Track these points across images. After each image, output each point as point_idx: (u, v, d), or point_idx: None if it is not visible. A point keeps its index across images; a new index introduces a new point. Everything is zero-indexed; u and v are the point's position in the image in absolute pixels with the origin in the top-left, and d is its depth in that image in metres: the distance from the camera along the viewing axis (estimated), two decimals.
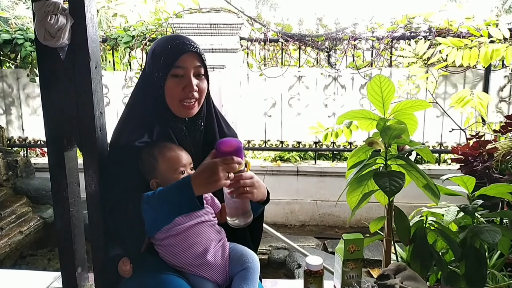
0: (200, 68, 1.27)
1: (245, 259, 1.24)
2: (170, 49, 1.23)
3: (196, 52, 1.25)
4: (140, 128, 1.25)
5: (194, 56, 1.25)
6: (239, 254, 1.25)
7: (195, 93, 1.25)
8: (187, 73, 1.24)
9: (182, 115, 1.28)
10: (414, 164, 1.47)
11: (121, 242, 1.22)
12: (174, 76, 1.24)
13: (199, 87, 1.26)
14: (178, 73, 1.24)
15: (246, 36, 3.76)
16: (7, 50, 4.08)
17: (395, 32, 3.58)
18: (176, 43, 1.24)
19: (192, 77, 1.24)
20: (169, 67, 1.23)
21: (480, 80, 3.69)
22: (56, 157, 1.25)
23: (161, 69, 1.24)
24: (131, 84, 3.98)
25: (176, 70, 1.23)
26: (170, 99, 1.26)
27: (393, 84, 1.51)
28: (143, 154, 1.22)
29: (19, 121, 4.30)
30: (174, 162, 1.22)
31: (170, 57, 1.22)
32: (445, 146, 3.82)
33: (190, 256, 1.19)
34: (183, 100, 1.25)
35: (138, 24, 3.98)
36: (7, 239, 3.23)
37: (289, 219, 3.97)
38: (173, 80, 1.24)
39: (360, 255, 1.29)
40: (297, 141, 4.01)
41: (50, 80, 1.22)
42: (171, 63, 1.22)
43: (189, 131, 1.32)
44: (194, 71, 1.25)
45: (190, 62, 1.24)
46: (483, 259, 1.49)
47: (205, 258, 1.20)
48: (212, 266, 1.20)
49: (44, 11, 1.15)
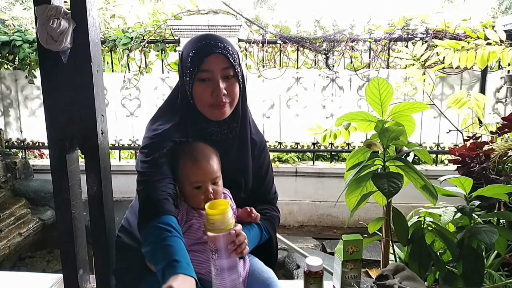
0: (229, 70, 1.20)
1: (266, 275, 1.24)
2: (196, 52, 1.18)
3: (223, 53, 1.18)
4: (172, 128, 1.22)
5: (221, 58, 1.19)
6: (259, 270, 1.25)
7: (224, 97, 1.19)
8: (214, 76, 1.19)
9: (214, 118, 1.24)
10: (412, 166, 1.49)
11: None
12: (201, 80, 1.19)
13: (228, 90, 1.20)
14: (205, 77, 1.19)
15: (245, 38, 3.78)
16: (5, 52, 4.08)
17: (392, 33, 3.60)
18: (202, 45, 1.19)
19: (220, 81, 1.19)
20: (195, 71, 1.18)
21: (477, 81, 3.72)
22: (58, 160, 1.26)
23: (188, 73, 1.19)
24: (129, 86, 3.99)
25: (202, 74, 1.18)
26: (200, 104, 1.22)
27: (391, 86, 1.53)
28: (173, 152, 1.20)
29: (18, 123, 4.30)
30: (191, 177, 1.19)
31: (196, 60, 1.18)
32: (442, 147, 3.84)
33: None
34: (213, 104, 1.20)
35: (136, 25, 3.99)
36: (6, 241, 3.23)
37: (288, 219, 3.99)
38: (200, 84, 1.19)
39: (360, 256, 1.31)
40: (295, 142, 4.02)
41: (52, 83, 1.23)
42: (197, 67, 1.17)
43: (222, 134, 1.28)
44: (221, 73, 1.19)
45: (217, 65, 1.18)
46: (480, 259, 1.51)
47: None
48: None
49: (46, 15, 1.17)
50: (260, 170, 1.40)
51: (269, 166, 1.45)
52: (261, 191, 1.42)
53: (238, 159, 1.31)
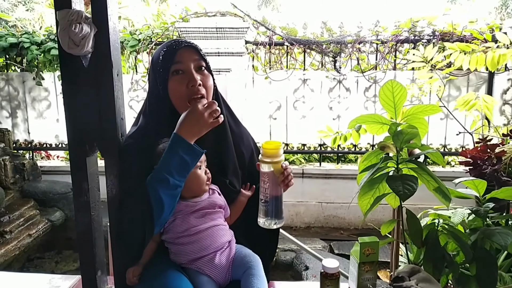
0: (200, 61, 1.26)
1: (248, 259, 1.26)
2: (167, 49, 1.25)
3: (192, 46, 1.26)
4: (152, 135, 1.25)
5: (191, 51, 1.25)
6: (242, 255, 1.27)
7: (200, 88, 1.23)
8: (187, 67, 1.23)
9: None
10: (426, 168, 1.50)
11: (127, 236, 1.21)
12: (175, 73, 1.23)
13: (203, 82, 1.24)
14: (179, 69, 1.23)
15: (252, 40, 3.80)
16: (13, 54, 4.12)
17: (399, 35, 3.61)
18: (171, 43, 1.26)
19: (194, 72, 1.23)
20: (169, 65, 1.22)
21: (484, 82, 3.72)
22: (78, 162, 1.27)
23: (161, 70, 1.23)
24: (137, 87, 4.01)
25: (176, 66, 1.23)
26: (177, 101, 1.24)
27: (405, 89, 1.53)
28: (158, 151, 1.21)
29: (25, 124, 4.33)
30: None
31: (168, 55, 1.23)
32: (449, 148, 3.85)
33: (200, 255, 1.22)
34: (190, 97, 1.23)
35: (144, 28, 4.01)
36: (16, 242, 3.25)
37: (294, 221, 4.00)
38: (175, 77, 1.23)
39: (376, 258, 1.32)
40: (302, 144, 4.04)
41: (73, 87, 1.24)
42: (170, 61, 1.22)
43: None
44: (194, 64, 1.24)
45: (189, 56, 1.24)
46: (493, 261, 1.52)
47: (213, 258, 1.23)
48: (217, 266, 1.23)
49: (67, 19, 1.18)
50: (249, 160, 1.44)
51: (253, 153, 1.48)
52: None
53: (218, 153, 1.34)
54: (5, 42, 3.99)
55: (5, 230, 3.27)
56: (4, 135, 4.05)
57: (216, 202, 1.29)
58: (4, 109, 4.30)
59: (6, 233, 3.27)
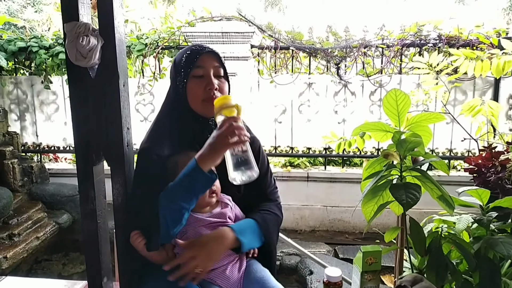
0: (219, 68, 1.32)
1: (259, 275, 1.29)
2: (189, 53, 1.31)
3: (214, 52, 1.32)
4: (166, 139, 1.30)
5: (212, 57, 1.31)
6: (253, 271, 1.30)
7: (216, 92, 1.29)
8: (207, 72, 1.29)
9: (206, 114, 1.31)
10: (429, 176, 1.51)
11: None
12: (195, 77, 1.29)
13: (220, 87, 1.31)
14: (199, 74, 1.29)
15: (257, 44, 3.81)
16: (21, 58, 4.17)
17: (405, 39, 3.61)
18: (195, 47, 1.33)
19: (213, 77, 1.29)
20: (190, 68, 1.29)
21: (490, 87, 3.71)
22: (85, 171, 1.30)
23: (182, 71, 1.30)
24: (144, 91, 4.04)
25: (197, 71, 1.29)
26: (193, 100, 1.30)
27: (408, 97, 1.54)
28: (168, 164, 1.26)
29: (33, 127, 4.38)
30: None
31: (190, 59, 1.29)
32: (455, 153, 3.84)
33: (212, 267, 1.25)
34: (205, 99, 1.28)
35: (151, 32, 4.04)
36: (24, 245, 3.28)
37: (299, 224, 4.01)
38: (195, 81, 1.29)
39: (378, 267, 1.33)
40: (307, 147, 4.05)
41: (80, 98, 1.27)
42: (191, 64, 1.29)
43: (211, 133, 1.32)
44: (214, 71, 1.30)
45: (209, 62, 1.30)
46: (497, 269, 1.52)
47: (225, 270, 1.26)
48: (229, 277, 1.26)
49: (75, 32, 1.20)
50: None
51: (265, 162, 1.49)
52: (260, 188, 1.46)
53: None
54: (14, 46, 4.05)
55: (13, 233, 3.31)
56: (12, 138, 4.10)
57: (227, 214, 1.32)
58: (13, 112, 4.36)
59: (15, 236, 3.31)
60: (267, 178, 1.49)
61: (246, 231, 1.29)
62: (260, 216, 1.36)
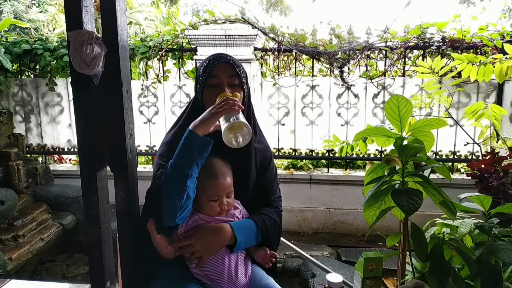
0: (234, 78, 1.35)
1: (264, 282, 1.32)
2: (208, 62, 1.36)
3: (230, 62, 1.35)
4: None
5: (227, 66, 1.35)
6: (258, 278, 1.33)
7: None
8: (220, 82, 1.34)
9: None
10: (431, 182, 1.51)
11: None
12: (210, 86, 1.34)
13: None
14: (213, 83, 1.34)
15: (260, 46, 3.82)
16: (26, 60, 4.20)
17: (408, 42, 3.61)
18: (213, 56, 1.38)
19: (226, 87, 1.33)
20: (205, 77, 1.34)
21: (494, 90, 3.70)
22: (88, 178, 1.31)
23: (200, 80, 1.36)
24: (147, 93, 4.06)
25: (211, 80, 1.34)
26: (208, 106, 1.31)
27: (410, 103, 1.55)
28: None
29: (38, 129, 4.41)
30: (209, 191, 1.29)
31: (207, 68, 1.35)
32: (459, 155, 3.83)
33: (218, 270, 1.28)
34: None
35: (154, 34, 4.06)
36: (29, 246, 3.31)
37: (302, 226, 4.01)
38: (209, 90, 1.34)
39: (379, 273, 1.33)
40: (310, 149, 4.05)
41: (83, 105, 1.28)
42: (207, 72, 1.34)
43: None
44: (228, 81, 1.34)
45: (223, 71, 1.34)
46: (498, 275, 1.52)
47: (231, 275, 1.29)
48: (235, 283, 1.29)
49: (79, 40, 1.22)
50: (266, 178, 1.48)
51: (273, 171, 1.52)
52: (265, 195, 1.49)
53: (241, 168, 1.39)
54: (19, 48, 4.08)
55: (18, 234, 3.34)
56: (17, 139, 4.14)
57: (235, 214, 1.36)
58: (18, 114, 4.39)
59: (19, 237, 3.34)
60: (273, 186, 1.51)
61: (244, 230, 1.33)
62: (258, 218, 1.39)
